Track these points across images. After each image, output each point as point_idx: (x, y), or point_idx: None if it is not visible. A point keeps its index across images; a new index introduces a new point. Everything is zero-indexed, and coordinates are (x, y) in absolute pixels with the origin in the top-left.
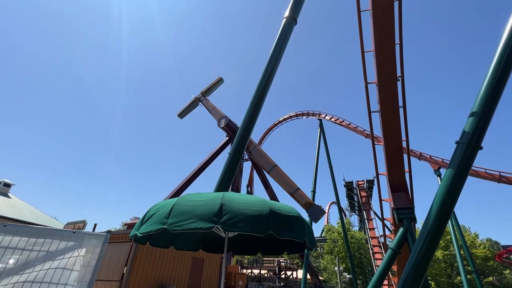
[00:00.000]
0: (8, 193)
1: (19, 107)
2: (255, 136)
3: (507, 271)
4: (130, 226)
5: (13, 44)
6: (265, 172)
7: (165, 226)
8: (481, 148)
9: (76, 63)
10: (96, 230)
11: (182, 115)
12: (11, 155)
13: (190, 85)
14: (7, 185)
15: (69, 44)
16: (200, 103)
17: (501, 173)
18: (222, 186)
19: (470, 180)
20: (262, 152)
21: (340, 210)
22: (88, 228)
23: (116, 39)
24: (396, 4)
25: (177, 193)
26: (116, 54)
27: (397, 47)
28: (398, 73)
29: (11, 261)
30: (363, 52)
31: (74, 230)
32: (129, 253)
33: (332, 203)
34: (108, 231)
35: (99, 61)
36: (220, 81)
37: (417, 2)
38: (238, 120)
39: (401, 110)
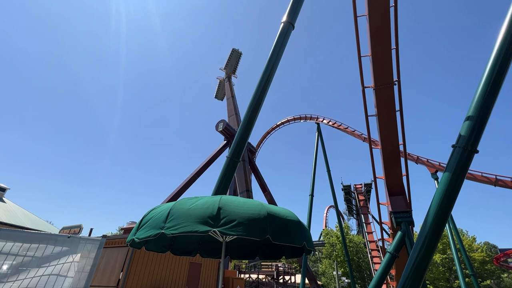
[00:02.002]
0: (3, 198)
1: (13, 110)
2: (253, 140)
3: (505, 275)
4: (127, 230)
5: (8, 44)
6: (263, 176)
7: (163, 231)
8: (477, 151)
9: (72, 64)
10: (92, 235)
11: (218, 97)
12: (5, 159)
13: (189, 86)
14: (2, 190)
15: (66, 46)
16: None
17: (498, 177)
18: (220, 190)
19: (467, 184)
20: (244, 170)
21: (338, 214)
22: (84, 233)
23: (114, 41)
24: (392, 10)
25: (175, 197)
26: (114, 56)
27: (394, 52)
28: (395, 78)
29: (5, 267)
30: (359, 57)
31: (69, 235)
32: (126, 258)
33: (330, 207)
34: (104, 236)
35: (96, 63)
36: (235, 53)
37: (413, 6)
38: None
39: (398, 114)
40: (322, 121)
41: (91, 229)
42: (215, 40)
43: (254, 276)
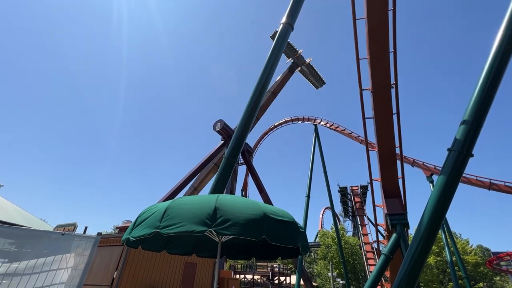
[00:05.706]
0: None
1: (11, 109)
2: (250, 140)
3: (498, 278)
4: (122, 229)
5: (5, 43)
6: (260, 176)
7: (158, 230)
8: (472, 155)
9: (72, 64)
10: (87, 233)
11: (317, 86)
12: (0, 156)
13: (189, 86)
14: None
15: (64, 46)
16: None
17: (492, 181)
18: (217, 190)
19: (461, 187)
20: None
21: (334, 215)
22: (79, 232)
23: (114, 42)
24: (390, 13)
25: (171, 196)
26: (113, 58)
27: (391, 55)
28: (392, 81)
29: None
30: (358, 59)
31: (63, 232)
32: (120, 257)
33: (326, 208)
34: (99, 233)
35: (95, 64)
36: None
37: (410, 10)
38: (237, 121)
39: (394, 116)
40: (319, 123)
41: (86, 228)
42: (214, 41)
43: (249, 276)
